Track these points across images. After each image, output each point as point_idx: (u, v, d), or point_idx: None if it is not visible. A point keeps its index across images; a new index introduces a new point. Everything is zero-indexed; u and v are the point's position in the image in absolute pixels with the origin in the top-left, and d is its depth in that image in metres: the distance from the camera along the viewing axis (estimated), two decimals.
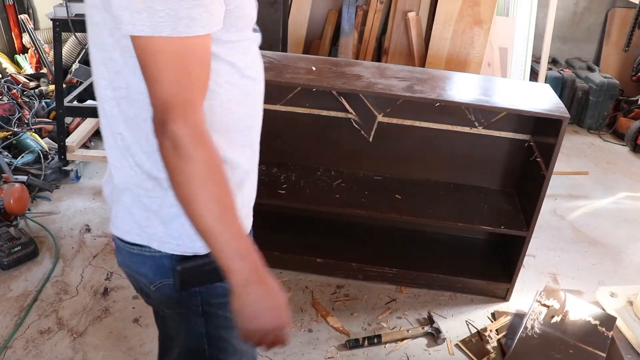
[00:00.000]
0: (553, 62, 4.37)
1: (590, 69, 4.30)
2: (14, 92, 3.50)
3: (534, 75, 3.93)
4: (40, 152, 3.00)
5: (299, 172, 2.46)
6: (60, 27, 2.80)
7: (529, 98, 2.11)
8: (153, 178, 0.93)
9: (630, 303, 2.20)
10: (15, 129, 3.15)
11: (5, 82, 3.62)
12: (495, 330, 2.18)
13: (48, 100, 3.61)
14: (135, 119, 0.89)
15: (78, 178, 3.06)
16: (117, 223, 1.01)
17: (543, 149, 2.13)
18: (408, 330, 2.13)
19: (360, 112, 2.34)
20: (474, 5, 3.48)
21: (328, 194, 2.32)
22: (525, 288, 2.41)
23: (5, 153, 3.02)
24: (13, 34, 4.30)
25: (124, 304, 2.20)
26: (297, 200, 2.29)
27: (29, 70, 4.13)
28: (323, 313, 2.21)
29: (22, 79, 3.78)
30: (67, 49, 3.84)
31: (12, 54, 4.31)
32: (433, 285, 2.39)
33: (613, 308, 2.20)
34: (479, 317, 2.26)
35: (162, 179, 0.91)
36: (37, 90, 3.67)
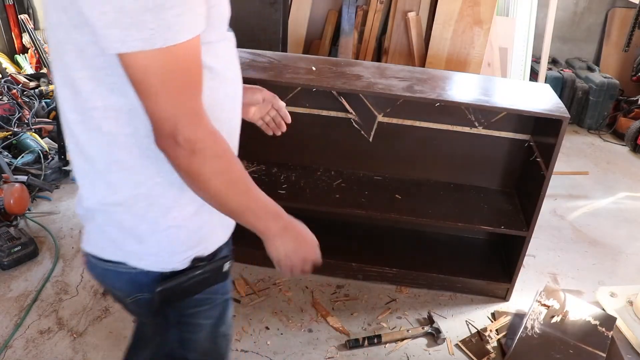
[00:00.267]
0: (553, 62, 4.37)
1: (590, 69, 4.30)
2: (14, 92, 3.50)
3: (534, 75, 3.93)
4: (40, 152, 3.00)
5: (299, 172, 2.46)
6: None
7: (529, 98, 2.11)
8: (126, 197, 0.91)
9: (630, 303, 2.20)
10: (15, 129, 3.15)
11: (5, 82, 3.62)
12: (495, 330, 2.18)
13: (48, 100, 3.61)
14: (110, 138, 0.86)
15: None
16: (91, 240, 0.99)
17: (543, 149, 2.13)
18: (408, 330, 2.13)
19: (360, 112, 2.34)
20: (474, 5, 3.48)
21: (328, 194, 2.32)
22: (525, 288, 2.41)
23: (5, 153, 3.02)
24: (13, 34, 4.30)
25: None
26: (297, 200, 2.29)
27: (29, 70, 4.13)
28: (323, 313, 2.21)
29: (22, 79, 3.78)
30: None
31: (12, 54, 4.31)
32: (433, 285, 2.39)
33: (613, 308, 2.20)
34: (479, 317, 2.26)
35: (135, 197, 0.90)
36: (37, 90, 3.67)
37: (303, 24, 4.03)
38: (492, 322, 2.23)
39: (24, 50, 4.34)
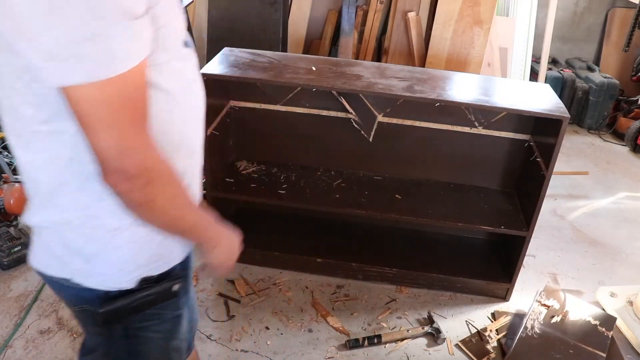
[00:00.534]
0: (553, 62, 4.37)
1: (590, 69, 4.30)
2: None
3: (534, 75, 3.93)
4: None
5: (299, 172, 2.46)
6: None
7: (529, 98, 2.11)
8: (72, 218, 0.88)
9: (630, 303, 2.20)
10: None
11: None
12: (495, 330, 2.18)
13: None
14: (54, 162, 0.83)
15: None
16: (36, 256, 0.96)
17: (543, 149, 2.13)
18: (408, 330, 2.13)
19: (360, 112, 2.34)
20: (474, 5, 3.48)
21: (328, 194, 2.32)
22: (525, 288, 2.41)
23: (5, 153, 3.02)
24: None
25: None
26: (297, 200, 2.29)
27: None
28: (323, 313, 2.21)
29: None
30: None
31: None
32: (433, 285, 2.39)
33: (613, 308, 2.20)
34: (479, 317, 2.26)
35: (82, 218, 0.88)
36: None
37: (303, 24, 4.03)
38: (492, 322, 2.23)
39: None
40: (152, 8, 0.75)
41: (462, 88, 2.18)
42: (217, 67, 2.13)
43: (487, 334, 2.15)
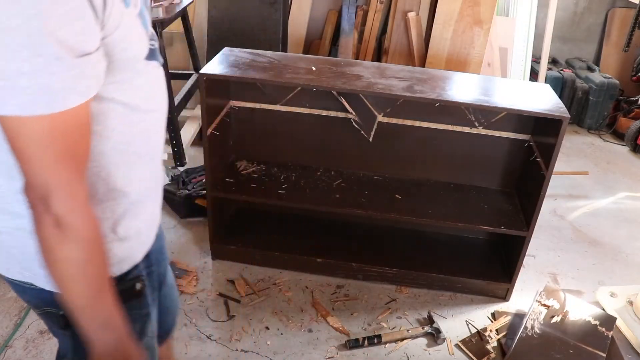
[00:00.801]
0: (553, 62, 4.37)
1: (590, 69, 4.30)
2: None
3: (534, 75, 3.93)
4: None
5: (299, 172, 2.46)
6: None
7: (529, 98, 2.11)
8: (27, 224, 0.84)
9: (630, 303, 2.20)
10: None
11: None
12: (495, 330, 2.18)
13: None
14: (7, 170, 0.81)
15: None
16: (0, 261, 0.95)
17: (543, 149, 2.13)
18: (408, 330, 2.13)
19: (360, 112, 2.34)
20: (474, 5, 3.48)
21: (328, 194, 2.32)
22: (525, 288, 2.41)
23: None
24: None
25: None
26: (297, 200, 2.29)
27: None
28: (323, 313, 2.21)
29: None
30: None
31: None
32: (433, 285, 2.39)
33: (613, 308, 2.20)
34: (479, 317, 2.26)
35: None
36: None
37: (303, 24, 4.03)
38: (492, 322, 2.23)
39: None
40: (109, 36, 0.74)
41: (462, 88, 2.18)
42: (217, 67, 2.13)
43: (487, 334, 2.15)
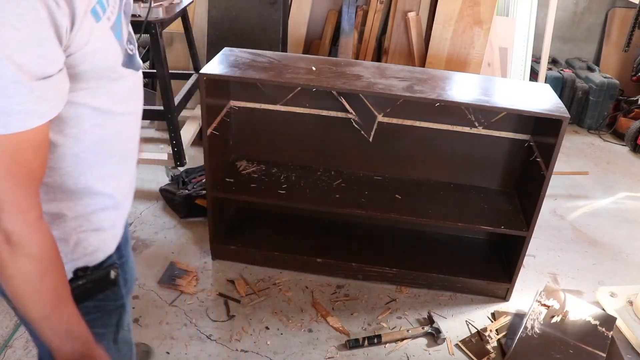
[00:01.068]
0: (553, 62, 4.37)
1: (590, 69, 4.30)
2: None
3: (534, 75, 3.93)
4: None
5: (299, 172, 2.46)
6: None
7: (529, 98, 2.11)
8: None
9: (630, 303, 2.20)
10: None
11: None
12: (495, 330, 2.18)
13: None
14: None
15: None
16: None
17: (543, 149, 2.13)
18: (408, 330, 2.13)
19: (360, 112, 2.34)
20: (474, 5, 3.48)
21: (328, 194, 2.32)
22: (525, 288, 2.41)
23: None
24: None
25: None
26: (297, 200, 2.29)
27: None
28: (323, 313, 2.21)
29: None
30: None
31: None
32: (433, 285, 2.39)
33: (613, 308, 2.20)
34: (479, 317, 2.26)
35: None
36: None
37: (303, 24, 4.03)
38: (492, 322, 2.23)
39: None
40: (78, 51, 0.75)
41: (462, 88, 2.18)
42: (217, 67, 2.13)
43: (487, 334, 2.15)
